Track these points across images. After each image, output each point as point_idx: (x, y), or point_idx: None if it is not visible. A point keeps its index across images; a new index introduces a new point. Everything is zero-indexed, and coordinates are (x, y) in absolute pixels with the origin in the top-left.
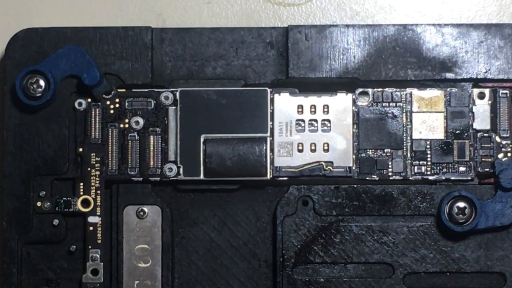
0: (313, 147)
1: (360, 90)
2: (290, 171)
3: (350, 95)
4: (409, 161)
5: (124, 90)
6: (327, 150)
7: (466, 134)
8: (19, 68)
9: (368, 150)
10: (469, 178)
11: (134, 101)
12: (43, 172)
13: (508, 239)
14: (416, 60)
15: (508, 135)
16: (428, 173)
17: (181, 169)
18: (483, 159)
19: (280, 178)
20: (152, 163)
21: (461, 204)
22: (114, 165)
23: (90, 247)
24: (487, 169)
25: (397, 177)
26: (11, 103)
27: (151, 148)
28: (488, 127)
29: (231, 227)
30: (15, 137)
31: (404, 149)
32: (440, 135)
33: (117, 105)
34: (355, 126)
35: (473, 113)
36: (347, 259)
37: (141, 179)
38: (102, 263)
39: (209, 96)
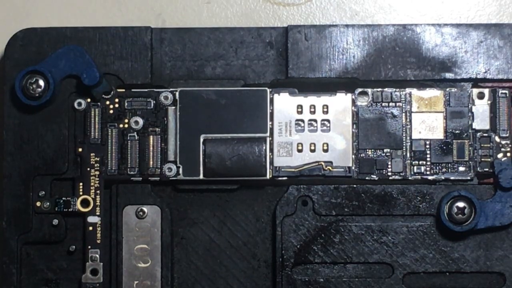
0: (312, 147)
1: (360, 90)
2: (290, 171)
3: (349, 95)
4: (409, 161)
5: (123, 90)
6: (326, 150)
7: (465, 134)
8: (18, 68)
9: (367, 150)
10: (469, 178)
11: (134, 101)
12: (42, 172)
13: (508, 239)
14: (415, 60)
15: (507, 135)
16: (428, 173)
17: (180, 169)
18: (482, 159)
19: (280, 178)
20: (151, 163)
21: (461, 204)
22: (114, 165)
23: (89, 247)
24: (487, 169)
25: (397, 177)
26: (11, 103)
27: (151, 148)
28: (487, 127)
29: (230, 227)
30: (15, 137)
31: (404, 149)
32: (439, 135)
33: (116, 105)
34: (354, 126)
35: (472, 113)
36: (347, 259)
37: (140, 179)
38: (101, 263)
39: (209, 96)
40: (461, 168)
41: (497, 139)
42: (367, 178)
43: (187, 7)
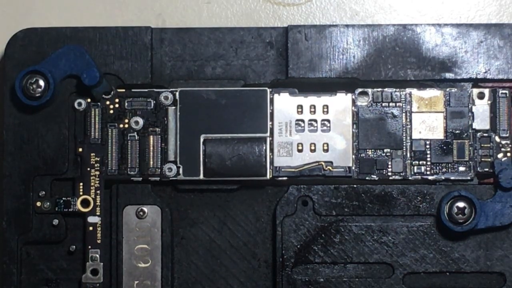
0: (312, 147)
1: (360, 90)
2: (290, 171)
3: (349, 95)
4: (409, 161)
5: (123, 90)
6: (326, 150)
7: (465, 134)
8: (18, 68)
9: (367, 150)
10: (469, 178)
11: (134, 101)
12: (42, 172)
13: (508, 239)
14: (415, 60)
15: (507, 135)
16: (428, 173)
17: (180, 169)
18: (482, 159)
19: (280, 178)
20: (151, 163)
21: (461, 204)
22: (114, 165)
23: (89, 247)
24: (487, 169)
25: (397, 177)
26: (11, 103)
27: (151, 148)
28: (487, 127)
29: (230, 227)
30: (15, 137)
31: (404, 149)
32: (439, 135)
33: (116, 105)
34: (354, 126)
35: (472, 113)
36: (347, 259)
37: (140, 179)
38: (101, 263)
39: (209, 96)
40: (461, 168)
41: (497, 139)
42: (367, 178)
43: (187, 7)
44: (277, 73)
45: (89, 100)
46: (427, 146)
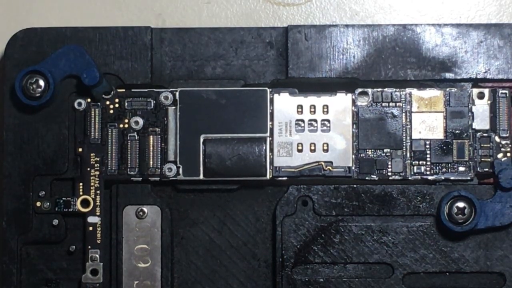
0: (312, 147)
1: (360, 90)
2: (290, 171)
3: (349, 95)
4: (409, 161)
5: (123, 90)
6: (326, 150)
7: (465, 134)
8: (18, 68)
9: (367, 150)
10: (469, 178)
11: (134, 101)
12: (42, 172)
13: (508, 239)
14: (415, 60)
15: (507, 135)
16: (428, 173)
17: (180, 169)
18: (482, 159)
19: (280, 178)
20: (151, 163)
21: (461, 204)
22: (114, 165)
23: (89, 247)
24: (487, 169)
25: (397, 177)
26: (11, 103)
27: (151, 148)
28: (487, 127)
29: (230, 227)
30: (15, 137)
31: (404, 149)
32: (439, 135)
33: (116, 105)
34: (354, 126)
35: (472, 113)
36: (347, 259)
37: (140, 179)
38: (101, 263)
39: (209, 96)
40: (461, 168)
41: (497, 139)
42: (367, 178)
43: (187, 7)
44: (277, 73)
45: (89, 100)
46: (427, 146)
